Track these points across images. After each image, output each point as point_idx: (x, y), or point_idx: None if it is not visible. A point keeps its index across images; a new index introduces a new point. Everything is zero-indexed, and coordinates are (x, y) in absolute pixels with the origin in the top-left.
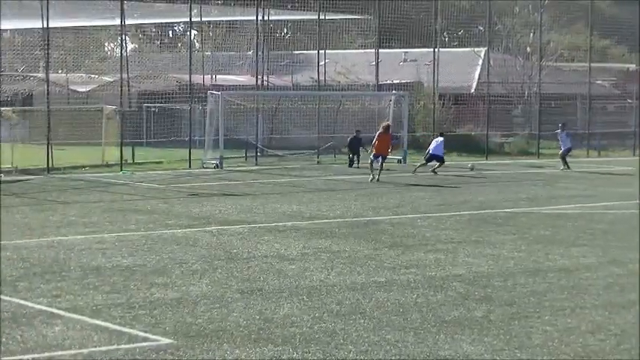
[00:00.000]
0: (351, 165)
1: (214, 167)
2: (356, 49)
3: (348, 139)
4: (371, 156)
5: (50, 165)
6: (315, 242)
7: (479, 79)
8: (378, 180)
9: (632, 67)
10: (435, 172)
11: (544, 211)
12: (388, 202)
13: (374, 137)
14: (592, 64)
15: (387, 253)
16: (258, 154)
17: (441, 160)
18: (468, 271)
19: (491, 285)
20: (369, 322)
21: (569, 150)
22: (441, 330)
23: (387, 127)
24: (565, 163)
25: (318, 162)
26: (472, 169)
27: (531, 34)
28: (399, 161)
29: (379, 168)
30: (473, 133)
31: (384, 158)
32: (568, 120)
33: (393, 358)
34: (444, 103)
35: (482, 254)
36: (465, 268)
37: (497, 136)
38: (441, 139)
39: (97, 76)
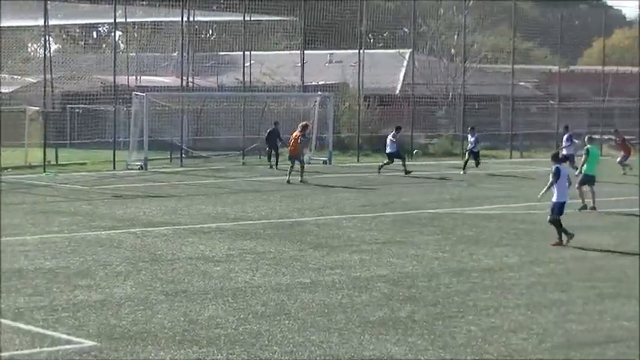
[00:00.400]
0: (270, 160)
1: (139, 169)
2: (281, 50)
3: (267, 131)
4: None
5: None
6: (240, 243)
7: (404, 80)
8: (302, 181)
9: (555, 68)
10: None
11: (468, 212)
12: (313, 203)
13: (289, 137)
14: (515, 66)
15: (312, 254)
16: (183, 155)
17: (396, 157)
18: (392, 272)
19: (416, 285)
20: (293, 323)
21: (477, 154)
22: (365, 330)
23: (303, 127)
24: (477, 164)
25: (243, 163)
26: (418, 155)
27: (455, 36)
28: (325, 162)
29: (300, 169)
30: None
31: (299, 160)
32: (492, 121)
33: (318, 358)
34: (369, 105)
35: (406, 255)
36: (390, 269)
37: (422, 137)
38: (391, 134)
39: (20, 77)
